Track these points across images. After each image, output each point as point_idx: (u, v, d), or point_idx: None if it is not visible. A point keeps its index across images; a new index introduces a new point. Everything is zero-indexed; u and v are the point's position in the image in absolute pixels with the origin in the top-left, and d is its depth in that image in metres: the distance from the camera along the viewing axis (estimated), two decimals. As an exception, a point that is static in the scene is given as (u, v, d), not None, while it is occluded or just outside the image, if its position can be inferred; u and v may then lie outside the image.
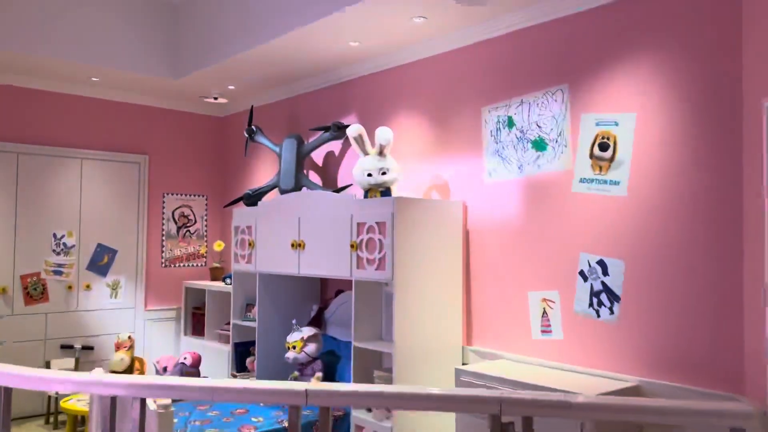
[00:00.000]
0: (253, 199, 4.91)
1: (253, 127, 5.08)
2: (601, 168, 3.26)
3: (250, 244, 4.64)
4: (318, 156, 5.10)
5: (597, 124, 3.29)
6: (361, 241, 3.75)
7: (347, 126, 4.56)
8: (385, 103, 4.51)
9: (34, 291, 5.34)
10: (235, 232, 4.84)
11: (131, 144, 5.87)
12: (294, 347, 4.18)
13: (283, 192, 4.79)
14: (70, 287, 5.51)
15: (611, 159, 3.21)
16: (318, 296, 4.94)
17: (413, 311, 3.62)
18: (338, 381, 4.35)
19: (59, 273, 5.47)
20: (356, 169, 3.99)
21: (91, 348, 5.54)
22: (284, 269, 4.35)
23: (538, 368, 3.42)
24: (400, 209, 3.59)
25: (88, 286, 5.60)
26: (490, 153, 3.82)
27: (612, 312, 3.19)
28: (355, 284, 3.84)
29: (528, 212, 3.60)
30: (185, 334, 5.91)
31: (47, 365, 5.24)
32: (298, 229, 4.24)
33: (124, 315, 5.78)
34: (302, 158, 4.84)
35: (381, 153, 3.92)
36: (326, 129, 4.74)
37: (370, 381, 3.84)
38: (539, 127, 3.57)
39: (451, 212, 3.85)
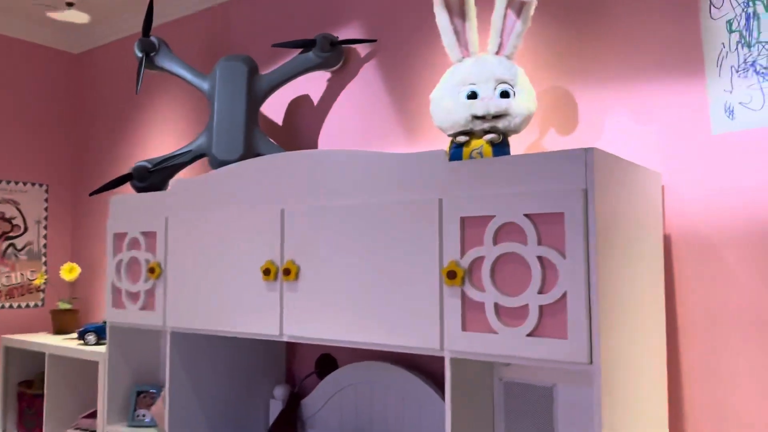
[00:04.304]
0: (153, 177, 2.45)
1: (152, 38, 2.61)
2: None
3: (151, 271, 2.21)
4: (276, 106, 2.77)
5: None
6: (473, 262, 1.52)
7: (346, 42, 2.37)
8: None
9: None
10: (114, 246, 2.38)
11: None
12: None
13: (219, 165, 2.41)
14: None
15: None
16: (282, 369, 2.58)
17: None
18: None
19: None
20: (442, 88, 1.75)
21: None
22: (245, 326, 1.97)
23: None
24: (605, 181, 1.42)
25: None
26: (726, 70, 1.77)
27: None
28: (451, 366, 1.58)
29: None
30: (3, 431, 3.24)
31: None
32: (280, 234, 1.90)
33: None
34: (258, 101, 2.49)
35: (500, 49, 1.72)
36: (307, 45, 2.46)
37: None
38: None
39: (640, 197, 1.73)
